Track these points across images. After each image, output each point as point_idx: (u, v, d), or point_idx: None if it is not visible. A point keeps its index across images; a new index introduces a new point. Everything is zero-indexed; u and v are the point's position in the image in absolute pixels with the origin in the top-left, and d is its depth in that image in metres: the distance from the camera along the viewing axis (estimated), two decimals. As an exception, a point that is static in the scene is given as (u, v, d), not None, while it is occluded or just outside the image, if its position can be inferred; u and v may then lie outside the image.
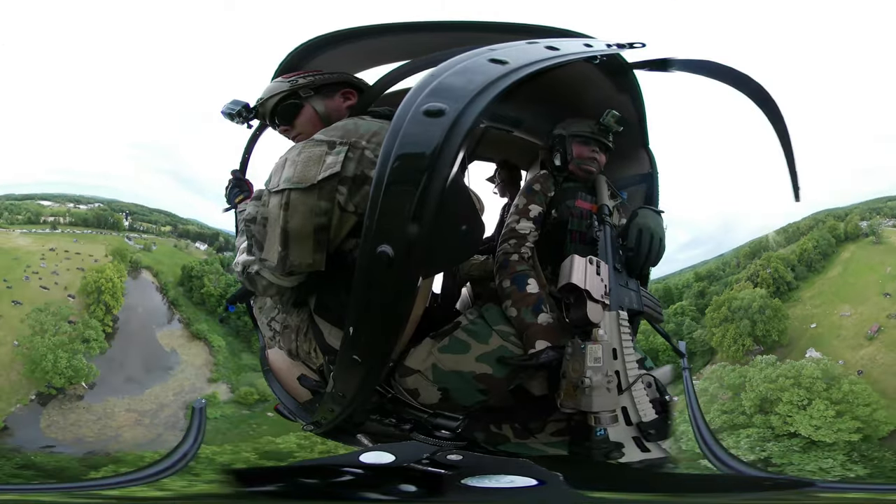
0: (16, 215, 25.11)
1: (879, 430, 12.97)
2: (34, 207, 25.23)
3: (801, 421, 13.34)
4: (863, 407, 13.33)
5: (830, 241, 20.00)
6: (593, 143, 2.20)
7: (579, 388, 1.65)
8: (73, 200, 26.58)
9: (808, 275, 19.54)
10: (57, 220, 25.66)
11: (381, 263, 1.17)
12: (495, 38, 1.48)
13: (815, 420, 13.23)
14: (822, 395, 13.75)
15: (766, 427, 13.56)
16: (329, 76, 1.97)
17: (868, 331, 16.13)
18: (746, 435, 13.35)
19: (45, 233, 24.95)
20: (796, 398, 13.82)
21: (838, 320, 17.02)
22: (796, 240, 20.31)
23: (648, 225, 2.02)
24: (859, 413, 13.20)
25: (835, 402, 13.45)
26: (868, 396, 13.49)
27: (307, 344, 1.90)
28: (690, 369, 2.84)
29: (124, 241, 25.53)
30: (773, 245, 20.87)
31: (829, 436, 12.90)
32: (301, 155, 1.62)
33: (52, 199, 26.07)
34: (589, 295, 1.76)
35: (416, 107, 1.18)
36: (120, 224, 26.27)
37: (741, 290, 18.81)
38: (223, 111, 2.04)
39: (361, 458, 2.10)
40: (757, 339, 17.38)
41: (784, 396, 13.88)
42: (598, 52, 1.74)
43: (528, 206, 2.13)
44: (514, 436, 1.99)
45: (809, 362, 14.95)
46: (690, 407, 2.28)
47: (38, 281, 22.05)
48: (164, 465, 2.04)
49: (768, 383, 14.24)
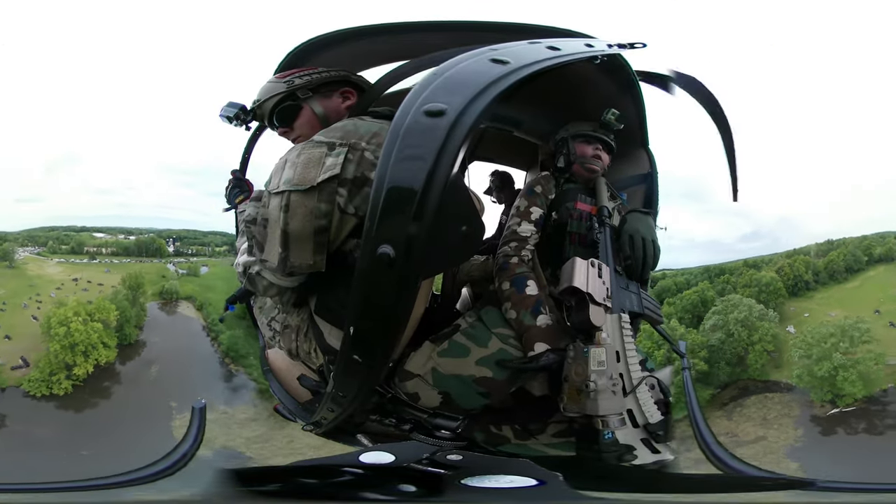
0: (61, 245, 24.50)
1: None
2: (84, 238, 24.21)
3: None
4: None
5: (860, 258, 23.48)
6: (595, 142, 2.19)
7: (583, 391, 1.65)
8: (125, 232, 25.60)
9: (829, 282, 22.97)
10: (99, 251, 24.60)
11: (381, 264, 1.17)
12: (496, 39, 1.48)
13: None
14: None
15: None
16: (326, 75, 1.96)
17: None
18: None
19: (82, 262, 23.90)
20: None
21: (823, 317, 21.06)
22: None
23: (638, 229, 2.02)
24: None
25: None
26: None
27: (307, 344, 1.90)
28: (690, 369, 2.83)
29: (166, 267, 23.57)
30: (813, 254, 23.40)
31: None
32: (301, 156, 1.62)
33: (105, 231, 25.18)
34: (591, 298, 1.76)
35: (417, 107, 1.18)
36: (163, 250, 24.63)
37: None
38: (221, 115, 2.04)
39: (361, 458, 2.10)
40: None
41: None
42: (598, 53, 1.74)
43: (530, 208, 2.12)
44: (515, 437, 1.99)
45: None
46: (691, 407, 2.27)
47: (36, 310, 20.38)
48: (164, 466, 2.03)
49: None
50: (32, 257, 23.50)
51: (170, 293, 22.08)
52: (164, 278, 23.17)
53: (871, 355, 18.51)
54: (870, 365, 18.38)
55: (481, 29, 1.96)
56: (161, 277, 23.37)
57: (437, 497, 1.80)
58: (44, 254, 24.01)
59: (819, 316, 21.37)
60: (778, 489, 2.03)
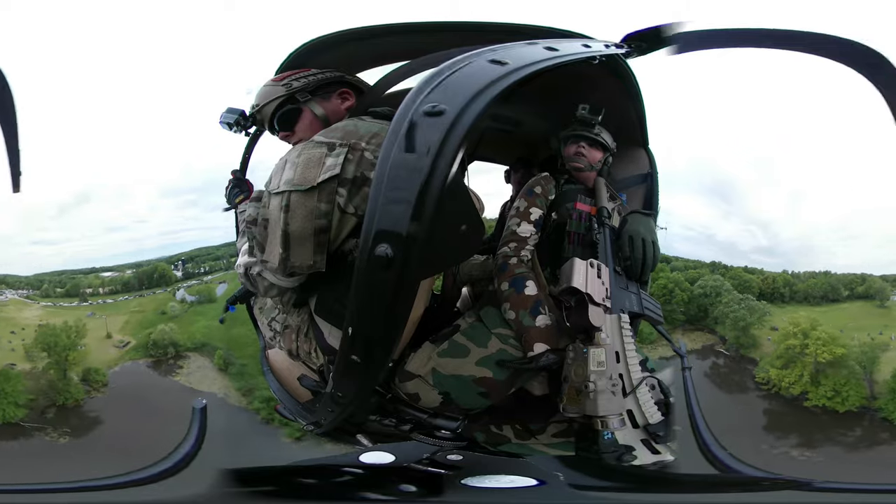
0: (56, 287, 21.24)
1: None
2: (86, 281, 21.35)
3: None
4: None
5: (840, 291, 22.76)
6: (578, 140, 2.20)
7: (583, 392, 1.66)
8: (135, 267, 20.57)
9: (803, 302, 23.14)
10: (96, 291, 19.49)
11: (380, 264, 1.17)
12: (497, 39, 1.48)
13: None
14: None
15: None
16: (322, 76, 1.96)
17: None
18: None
19: (71, 306, 18.42)
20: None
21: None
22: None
23: (639, 231, 2.03)
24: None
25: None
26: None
27: (307, 344, 1.90)
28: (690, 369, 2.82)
29: (173, 296, 17.39)
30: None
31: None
32: (301, 157, 1.62)
33: (114, 270, 22.21)
34: (590, 298, 1.77)
35: (417, 107, 1.19)
36: (169, 276, 19.45)
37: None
38: (221, 121, 2.04)
39: (361, 458, 2.10)
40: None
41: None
42: (596, 53, 1.75)
43: (529, 209, 2.13)
44: (515, 437, 2.00)
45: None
46: (690, 407, 2.28)
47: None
48: (166, 466, 2.03)
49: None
50: (17, 300, 19.09)
51: (163, 345, 13.79)
52: (165, 315, 15.88)
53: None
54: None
55: (481, 30, 1.96)
56: (160, 315, 16.25)
57: (437, 497, 1.81)
58: (34, 297, 19.14)
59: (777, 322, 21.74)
60: (776, 489, 2.03)
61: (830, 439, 15.03)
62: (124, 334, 13.59)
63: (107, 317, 14.20)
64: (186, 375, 12.18)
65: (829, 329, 18.11)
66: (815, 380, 17.44)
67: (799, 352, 17.44)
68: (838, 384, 16.69)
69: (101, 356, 11.53)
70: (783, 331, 18.51)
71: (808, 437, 15.20)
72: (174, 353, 11.76)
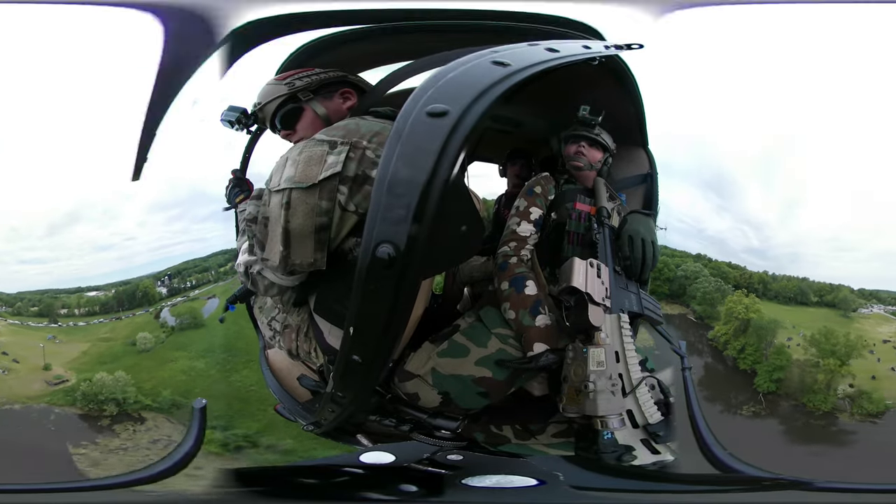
0: (31, 306, 20.03)
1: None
2: (66, 300, 20.47)
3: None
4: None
5: (809, 297, 24.36)
6: (578, 140, 2.21)
7: (582, 392, 1.66)
8: (123, 285, 21.38)
9: (772, 300, 24.03)
10: (71, 311, 19.58)
11: (381, 263, 1.17)
12: (496, 39, 1.48)
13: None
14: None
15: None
16: (325, 76, 1.96)
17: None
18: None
19: (39, 326, 17.64)
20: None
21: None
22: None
23: (639, 231, 2.03)
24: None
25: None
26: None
27: (307, 344, 1.90)
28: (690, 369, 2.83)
29: (149, 323, 11.53)
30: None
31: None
32: (302, 154, 1.62)
33: (100, 289, 21.60)
34: (590, 298, 1.76)
35: (420, 107, 1.19)
36: (152, 296, 18.26)
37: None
38: (222, 119, 2.03)
39: (361, 458, 2.10)
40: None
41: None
42: (596, 54, 1.75)
43: (529, 208, 2.13)
44: (515, 437, 2.00)
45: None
46: (690, 407, 2.28)
47: None
48: (166, 465, 2.03)
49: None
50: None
51: (98, 400, 5.19)
52: (135, 347, 6.37)
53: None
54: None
55: (480, 31, 1.96)
56: (130, 346, 6.33)
57: (437, 497, 1.81)
58: (3, 314, 19.93)
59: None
60: (776, 489, 2.03)
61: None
62: (71, 368, 10.56)
63: (60, 342, 11.18)
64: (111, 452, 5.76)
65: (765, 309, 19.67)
66: (736, 336, 18.55)
67: (736, 315, 18.97)
68: (747, 345, 17.74)
69: (18, 388, 7.83)
70: (733, 297, 20.26)
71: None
72: (115, 412, 7.54)
